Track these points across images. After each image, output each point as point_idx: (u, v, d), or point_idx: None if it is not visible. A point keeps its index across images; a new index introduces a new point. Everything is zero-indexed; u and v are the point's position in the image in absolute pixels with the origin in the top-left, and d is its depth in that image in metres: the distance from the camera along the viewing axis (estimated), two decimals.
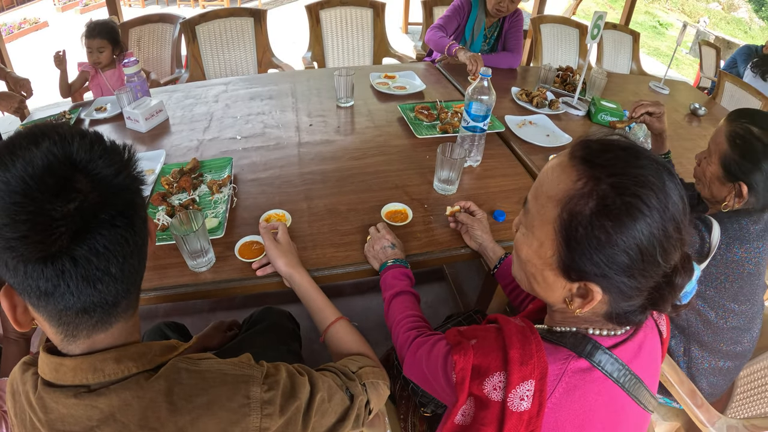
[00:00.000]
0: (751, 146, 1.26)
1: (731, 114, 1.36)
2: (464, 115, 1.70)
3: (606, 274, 0.68)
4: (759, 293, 1.38)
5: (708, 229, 1.30)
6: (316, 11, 3.36)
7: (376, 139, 1.98)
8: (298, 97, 2.30)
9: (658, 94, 3.04)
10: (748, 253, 1.29)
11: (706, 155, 1.41)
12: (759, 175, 1.26)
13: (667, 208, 0.66)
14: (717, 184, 1.37)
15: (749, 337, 1.43)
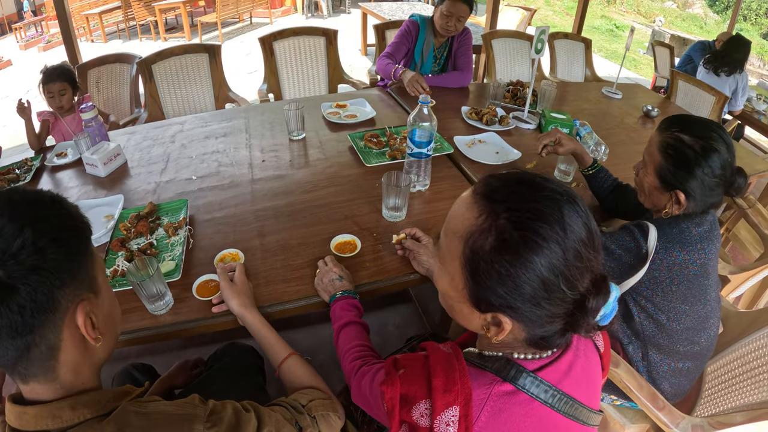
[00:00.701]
0: (683, 155, 1.27)
1: (662, 123, 1.37)
2: (408, 142, 1.69)
3: (512, 305, 0.70)
4: (710, 292, 1.38)
5: (644, 235, 1.31)
6: (270, 43, 3.36)
7: (326, 170, 1.97)
8: (252, 133, 2.29)
9: (610, 99, 3.07)
10: (690, 255, 1.29)
11: (642, 166, 1.42)
12: (694, 182, 1.27)
13: (566, 238, 0.67)
14: (656, 194, 1.38)
15: (706, 336, 1.43)
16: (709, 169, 1.25)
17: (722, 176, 1.27)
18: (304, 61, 3.51)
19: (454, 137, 2.18)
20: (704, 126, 1.30)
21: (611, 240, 1.38)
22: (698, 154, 1.25)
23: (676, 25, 12.76)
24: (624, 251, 1.35)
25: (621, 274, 1.37)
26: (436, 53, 2.85)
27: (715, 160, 1.25)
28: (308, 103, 2.55)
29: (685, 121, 1.33)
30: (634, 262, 1.34)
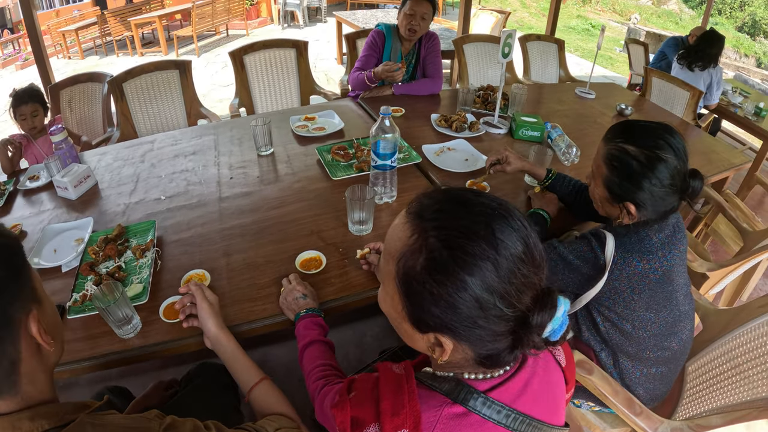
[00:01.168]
0: (629, 167, 1.23)
1: (607, 132, 1.33)
2: (372, 155, 1.67)
3: (449, 325, 0.69)
4: (677, 296, 1.34)
5: (601, 245, 1.28)
6: (240, 57, 3.33)
7: (294, 185, 1.93)
8: (221, 150, 2.25)
9: (584, 99, 3.05)
10: (651, 263, 1.25)
11: (592, 177, 1.38)
12: (642, 193, 1.23)
13: (498, 255, 0.65)
14: (607, 205, 1.35)
15: (677, 340, 1.39)
16: (656, 180, 1.21)
17: (672, 185, 1.22)
18: (275, 74, 3.48)
19: (422, 146, 2.14)
20: (650, 133, 1.24)
21: (569, 250, 1.34)
22: (644, 166, 1.21)
23: (652, 21, 12.88)
24: (582, 262, 1.31)
25: (581, 285, 1.34)
26: (404, 60, 2.81)
27: (662, 170, 1.20)
28: (278, 117, 2.51)
29: (630, 129, 1.28)
30: (592, 273, 1.30)
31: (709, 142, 2.74)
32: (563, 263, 1.34)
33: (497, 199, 0.72)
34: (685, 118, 3.38)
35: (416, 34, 2.62)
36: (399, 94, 2.77)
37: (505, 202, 0.71)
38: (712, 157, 2.49)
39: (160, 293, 1.40)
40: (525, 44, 3.89)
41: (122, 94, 3.11)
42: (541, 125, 2.28)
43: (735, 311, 1.53)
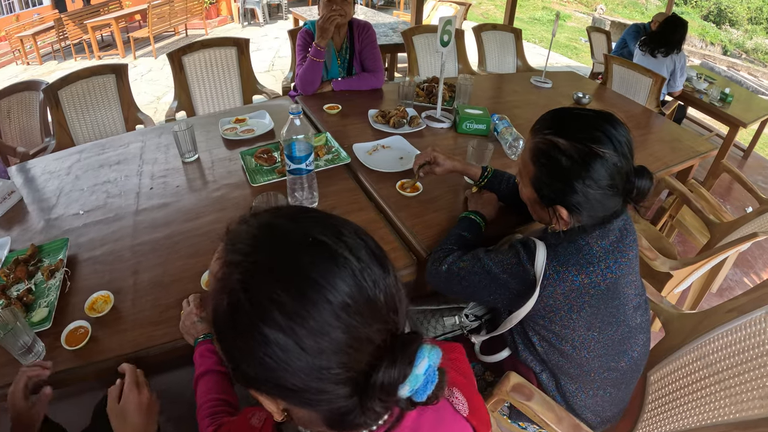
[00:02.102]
0: (558, 164, 1.03)
1: (536, 123, 1.11)
2: (286, 159, 1.49)
3: (271, 392, 0.56)
4: (625, 311, 1.15)
5: (530, 256, 1.08)
6: (179, 58, 3.16)
7: (213, 194, 1.76)
8: (146, 158, 2.08)
9: (539, 89, 2.88)
10: (591, 277, 1.05)
11: (519, 176, 1.18)
12: (576, 196, 1.02)
13: (308, 316, 0.51)
14: (537, 208, 1.15)
15: (627, 359, 1.20)
16: (591, 180, 1.00)
17: (612, 186, 1.02)
18: (216, 74, 3.32)
19: (353, 145, 1.94)
20: (585, 124, 1.03)
21: (495, 263, 1.15)
22: (576, 163, 1.00)
23: (618, 12, 12.92)
24: (509, 276, 1.12)
25: (511, 303, 1.15)
26: (338, 55, 2.61)
27: (599, 168, 1.00)
28: (212, 120, 2.33)
29: (562, 118, 1.07)
30: (522, 289, 1.11)
31: (673, 130, 2.61)
32: (488, 278, 1.15)
33: (334, 224, 0.59)
34: (648, 105, 3.27)
35: (342, 19, 2.37)
36: (339, 90, 2.57)
37: (345, 228, 0.58)
38: (676, 146, 2.37)
39: (66, 317, 1.28)
40: (480, 34, 3.73)
41: (58, 102, 2.96)
42: (486, 117, 2.10)
43: (701, 316, 1.37)
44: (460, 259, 1.22)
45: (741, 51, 12.79)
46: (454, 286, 1.23)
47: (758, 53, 12.49)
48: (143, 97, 5.92)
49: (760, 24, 13.42)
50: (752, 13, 13.66)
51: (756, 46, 12.66)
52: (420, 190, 1.70)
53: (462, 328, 1.38)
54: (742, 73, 10.26)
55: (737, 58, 12.32)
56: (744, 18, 13.70)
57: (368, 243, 0.58)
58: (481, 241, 1.41)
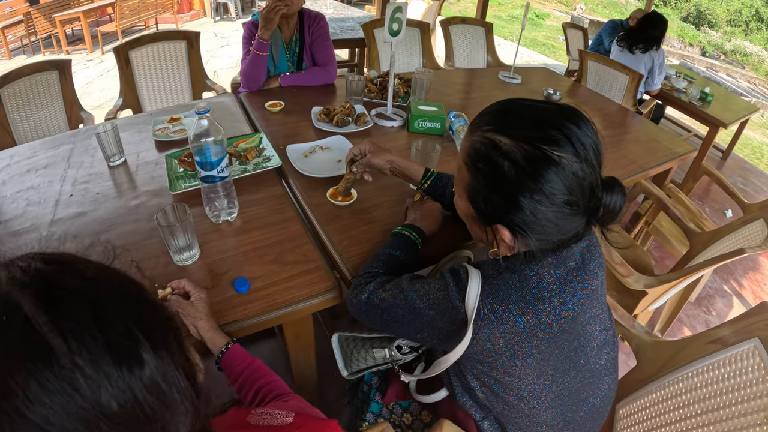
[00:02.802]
0: (498, 170, 0.78)
1: (476, 117, 0.87)
2: (196, 167, 1.30)
3: None
4: (587, 352, 0.94)
5: (461, 290, 0.85)
6: (125, 53, 2.96)
7: (131, 202, 1.55)
8: (73, 161, 1.87)
9: (507, 85, 2.68)
10: (541, 317, 0.82)
11: (454, 183, 0.94)
12: (520, 213, 0.78)
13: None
14: (474, 226, 0.91)
15: (588, 407, 0.99)
16: (542, 195, 0.76)
17: (571, 202, 0.77)
18: (164, 70, 3.12)
19: (287, 146, 1.71)
20: (540, 119, 0.78)
21: (420, 295, 0.92)
22: (522, 170, 0.76)
23: (597, 12, 12.88)
24: (435, 313, 0.89)
25: (441, 343, 0.93)
26: (286, 48, 2.38)
27: (553, 178, 0.75)
28: (149, 119, 2.10)
29: (509, 111, 0.83)
30: (451, 329, 0.88)
31: (650, 130, 2.45)
32: (412, 313, 0.93)
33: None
34: (625, 104, 3.10)
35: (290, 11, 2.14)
36: (287, 86, 2.35)
37: None
38: (653, 147, 2.20)
39: None
40: (448, 28, 3.53)
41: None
42: (441, 115, 1.89)
43: (678, 346, 1.19)
44: (383, 288, 1.00)
45: (719, 52, 12.81)
46: (375, 319, 1.01)
47: (736, 55, 12.50)
48: (106, 94, 5.63)
49: (738, 26, 13.46)
50: (731, 15, 13.69)
51: (734, 48, 12.68)
52: (354, 198, 1.48)
53: (393, 362, 1.15)
54: (720, 74, 10.23)
55: (716, 59, 12.33)
56: (723, 20, 13.73)
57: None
58: (415, 262, 1.19)
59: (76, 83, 2.93)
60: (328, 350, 1.29)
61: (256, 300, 1.13)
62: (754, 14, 13.27)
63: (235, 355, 1.01)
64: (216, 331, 1.03)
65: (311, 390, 1.56)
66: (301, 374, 1.47)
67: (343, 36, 4.01)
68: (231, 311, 1.10)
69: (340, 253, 1.28)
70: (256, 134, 1.79)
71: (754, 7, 13.31)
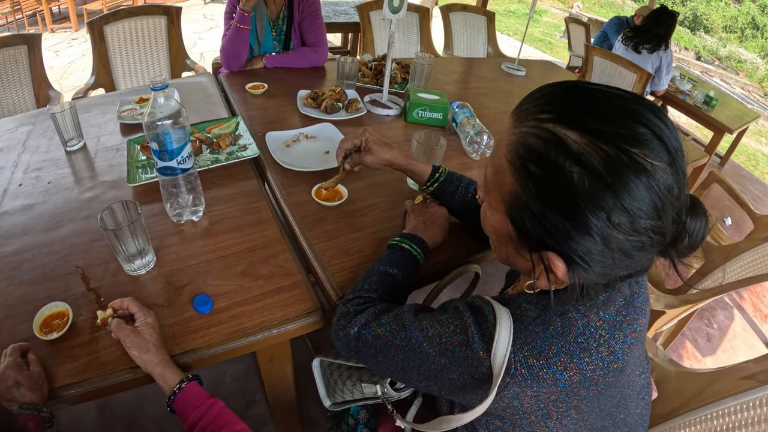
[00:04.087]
0: (563, 179, 0.55)
1: (524, 101, 0.63)
2: (153, 156, 1.07)
3: None
4: (627, 404, 0.74)
5: (484, 335, 0.64)
6: (100, 27, 2.73)
7: (84, 195, 1.32)
8: (28, 145, 1.64)
9: (511, 76, 2.49)
10: (586, 371, 0.62)
11: (484, 190, 0.71)
12: (587, 241, 0.56)
13: None
14: (509, 249, 0.68)
15: None
16: (622, 217, 0.54)
17: (657, 228, 0.56)
18: (141, 47, 2.89)
19: (267, 134, 1.50)
20: (619, 109, 0.56)
21: (428, 337, 0.70)
22: (598, 181, 0.53)
23: (594, 11, 12.77)
24: (448, 361, 0.67)
25: (452, 394, 0.72)
26: (272, 26, 2.16)
27: (642, 195, 0.53)
28: (115, 100, 1.86)
29: (572, 92, 0.59)
30: (469, 382, 0.67)
31: None
32: (417, 359, 0.72)
33: None
34: None
35: None
36: (272, 66, 2.13)
37: None
38: None
39: None
40: (447, 15, 3.33)
41: None
42: (443, 104, 1.69)
43: (706, 378, 1.04)
44: (377, 321, 0.78)
45: (714, 57, 12.77)
46: (367, 359, 0.80)
47: (731, 61, 12.47)
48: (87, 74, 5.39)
49: (734, 33, 13.43)
50: (727, 21, 13.67)
51: (729, 54, 12.65)
52: (344, 197, 1.26)
53: (386, 400, 0.95)
54: (714, 79, 10.20)
55: (710, 64, 12.31)
56: (719, 26, 13.70)
57: None
58: (415, 282, 0.98)
59: (59, 63, 2.72)
60: (308, 361, 1.09)
61: (220, 323, 0.93)
62: (750, 21, 13.26)
63: (192, 396, 0.81)
64: (166, 365, 0.83)
65: (290, 411, 1.36)
66: (278, 399, 1.28)
67: (336, 20, 3.79)
68: (188, 337, 0.90)
69: (324, 266, 1.06)
70: (232, 119, 1.58)
71: (750, 15, 13.29)
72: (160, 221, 1.16)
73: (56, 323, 0.92)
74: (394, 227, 1.20)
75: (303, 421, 1.63)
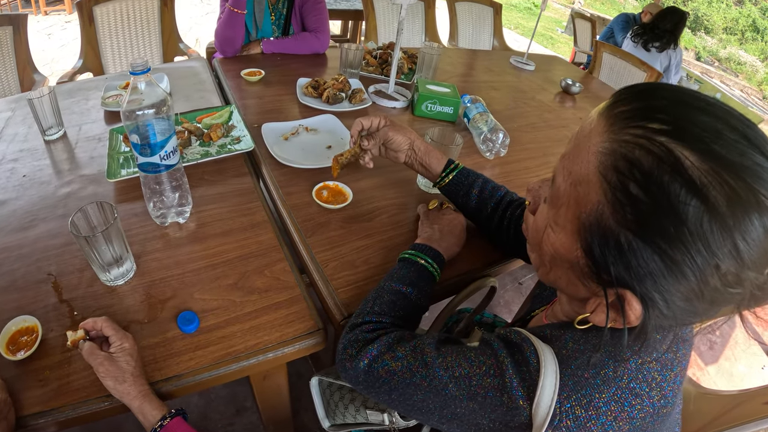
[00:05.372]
0: (672, 209, 0.43)
1: (618, 98, 0.51)
2: (133, 150, 0.95)
3: None
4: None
5: (524, 380, 0.55)
6: (89, 8, 2.61)
7: (60, 190, 1.19)
8: (6, 134, 1.49)
9: (520, 71, 2.38)
10: (636, 419, 0.52)
11: (551, 204, 0.58)
12: (679, 284, 0.45)
13: None
14: (565, 273, 0.57)
15: None
16: (736, 266, 0.44)
17: (760, 283, 0.45)
18: (132, 30, 2.76)
19: (263, 125, 1.37)
20: (744, 135, 0.44)
21: (454, 378, 0.59)
22: (720, 220, 0.42)
23: (595, 7, 12.68)
24: (479, 407, 0.57)
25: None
26: (272, 10, 2.03)
27: (762, 242, 0.43)
28: (100, 86, 1.73)
29: (687, 102, 0.46)
30: (500, 429, 0.56)
31: None
32: (440, 401, 0.61)
33: None
34: None
35: None
36: (269, 52, 2.00)
37: None
38: None
39: None
40: (453, 5, 3.21)
41: None
42: (454, 98, 1.57)
43: (728, 401, 1.01)
44: (391, 353, 0.67)
45: (714, 59, 12.70)
46: (380, 395, 0.68)
47: (731, 63, 12.41)
48: None
49: (734, 35, 13.35)
50: (728, 23, 13.59)
51: (729, 56, 12.58)
52: (348, 199, 1.14)
53: (394, 430, 0.84)
54: (714, 81, 10.13)
55: (710, 65, 12.24)
56: (720, 27, 13.63)
57: None
58: (429, 300, 0.86)
59: (51, 46, 2.58)
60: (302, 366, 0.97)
61: (207, 345, 0.81)
62: (751, 24, 13.18)
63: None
64: (146, 397, 0.72)
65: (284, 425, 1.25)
66: (271, 415, 1.16)
67: (337, 6, 3.66)
68: (172, 361, 0.78)
69: (326, 280, 0.94)
70: (225, 107, 1.45)
71: (751, 17, 13.21)
72: (141, 223, 1.04)
73: (24, 340, 0.81)
74: (404, 234, 1.09)
75: (296, 429, 1.53)
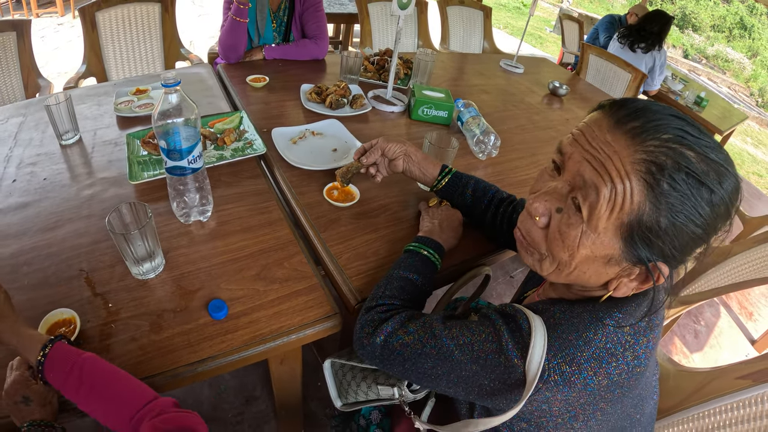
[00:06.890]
0: (699, 193, 0.57)
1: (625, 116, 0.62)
2: (162, 154, 1.04)
3: None
4: (643, 405, 0.76)
5: (518, 343, 0.66)
6: (92, 14, 2.66)
7: (83, 192, 1.26)
8: (20, 139, 1.56)
9: (509, 74, 2.49)
10: (614, 375, 0.64)
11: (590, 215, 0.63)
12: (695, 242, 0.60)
13: None
14: (598, 267, 0.66)
15: None
16: (722, 213, 0.59)
17: (722, 222, 0.61)
18: (134, 35, 2.83)
19: (273, 130, 1.47)
20: (691, 125, 0.58)
21: (459, 345, 0.72)
22: (717, 193, 0.57)
23: (584, 6, 12.79)
24: (480, 368, 0.69)
25: (480, 398, 0.73)
26: (273, 18, 2.12)
27: (729, 188, 0.58)
28: (110, 91, 1.81)
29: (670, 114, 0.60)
30: (499, 388, 0.69)
31: None
32: (447, 365, 0.73)
33: None
34: None
35: None
36: (271, 58, 2.09)
37: None
38: None
39: None
40: (445, 9, 3.31)
41: None
42: (449, 103, 1.68)
43: (704, 377, 1.09)
44: (404, 329, 0.78)
45: (701, 56, 12.85)
46: (394, 367, 0.80)
47: (718, 60, 12.56)
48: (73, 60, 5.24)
49: (722, 32, 13.51)
50: (715, 20, 13.74)
51: (716, 53, 12.72)
52: (356, 198, 1.25)
53: (403, 402, 0.95)
54: (702, 78, 10.27)
55: (698, 62, 12.38)
56: (707, 25, 13.77)
57: None
58: (432, 287, 0.97)
59: (44, 49, 2.64)
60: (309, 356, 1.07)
61: (237, 329, 0.90)
62: (738, 21, 13.35)
63: (58, 360, 0.75)
64: (23, 326, 0.78)
65: (295, 410, 1.35)
66: (285, 399, 1.26)
67: (330, 10, 3.75)
68: (205, 344, 0.87)
69: (341, 270, 1.05)
70: (235, 113, 1.55)
71: (738, 15, 13.38)
72: (166, 221, 1.13)
73: (63, 331, 0.88)
74: (406, 229, 1.19)
75: (304, 415, 1.62)
